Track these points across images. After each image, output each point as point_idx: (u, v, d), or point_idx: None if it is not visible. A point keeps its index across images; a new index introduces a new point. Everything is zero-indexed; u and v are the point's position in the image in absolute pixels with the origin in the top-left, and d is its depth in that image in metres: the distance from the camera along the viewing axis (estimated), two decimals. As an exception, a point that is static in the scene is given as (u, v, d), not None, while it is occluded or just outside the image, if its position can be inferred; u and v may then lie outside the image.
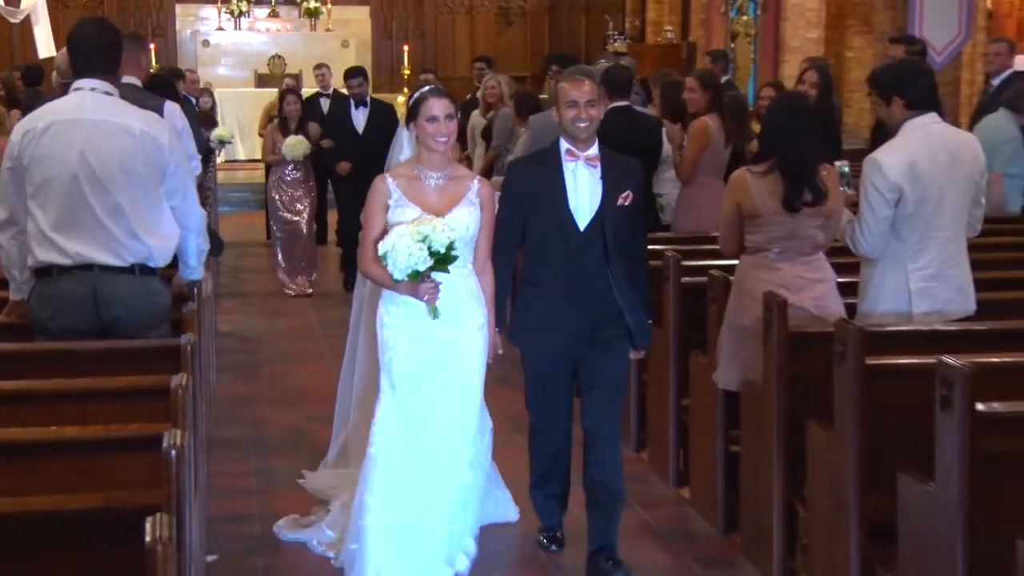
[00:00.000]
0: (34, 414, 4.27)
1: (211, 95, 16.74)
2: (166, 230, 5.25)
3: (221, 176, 16.70)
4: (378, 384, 5.37)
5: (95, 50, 5.22)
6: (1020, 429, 4.16)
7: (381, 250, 5.02)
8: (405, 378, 5.26)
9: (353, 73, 12.36)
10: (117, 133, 5.07)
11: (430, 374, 5.26)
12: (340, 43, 23.78)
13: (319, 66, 14.73)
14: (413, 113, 5.20)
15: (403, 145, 5.67)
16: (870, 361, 4.80)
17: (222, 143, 15.23)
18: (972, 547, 4.09)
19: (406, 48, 23.60)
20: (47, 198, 5.04)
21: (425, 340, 5.23)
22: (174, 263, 5.54)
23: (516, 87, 12.02)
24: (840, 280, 5.92)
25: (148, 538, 2.85)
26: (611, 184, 5.35)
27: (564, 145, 5.37)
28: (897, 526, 4.51)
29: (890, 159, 5.52)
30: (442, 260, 4.96)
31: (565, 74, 5.60)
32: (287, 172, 12.17)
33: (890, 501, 4.54)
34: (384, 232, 5.10)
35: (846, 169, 6.12)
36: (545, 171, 5.39)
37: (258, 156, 18.15)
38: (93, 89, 5.14)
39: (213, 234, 8.39)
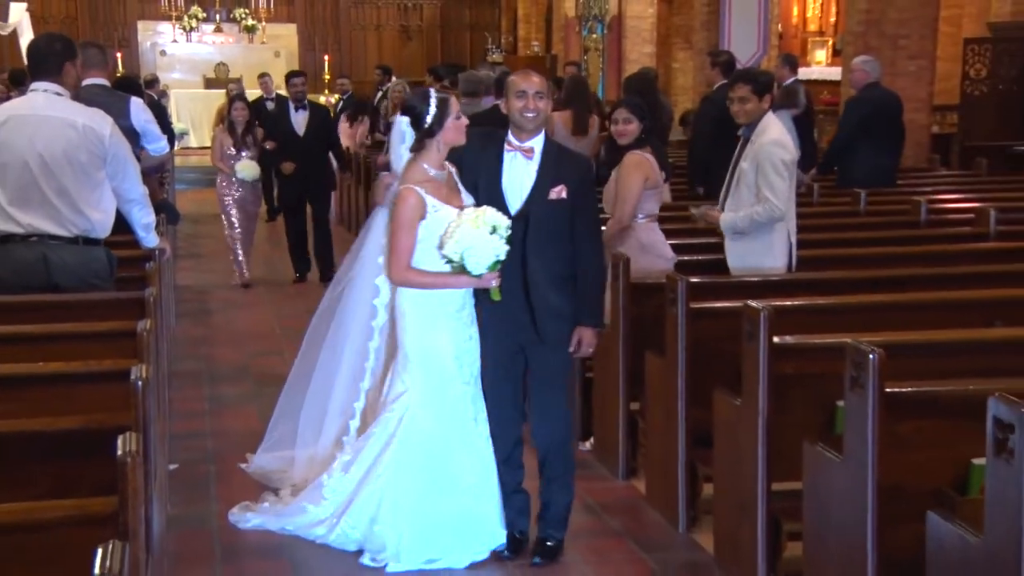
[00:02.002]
0: (26, 352, 4.19)
1: (166, 95, 16.24)
2: (106, 206, 5.12)
3: (178, 160, 16.36)
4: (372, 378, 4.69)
5: (43, 58, 5.07)
6: (807, 356, 4.23)
7: (455, 253, 4.22)
8: (448, 371, 4.46)
9: (295, 73, 11.01)
10: (62, 126, 4.94)
11: (463, 364, 4.49)
12: (273, 53, 23.60)
13: (263, 75, 14.13)
14: (442, 116, 4.37)
15: (400, 156, 4.58)
16: (694, 305, 4.86)
17: (182, 135, 15.01)
18: (770, 447, 4.17)
19: (327, 58, 23.54)
20: (4, 179, 4.93)
21: (460, 333, 4.47)
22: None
23: (414, 88, 11.83)
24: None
25: (120, 452, 2.79)
26: (544, 177, 4.41)
27: (509, 135, 4.47)
28: (713, 433, 4.59)
29: (787, 139, 5.59)
30: (508, 242, 4.28)
31: (515, 72, 4.72)
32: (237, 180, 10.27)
33: (708, 414, 4.61)
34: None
35: None
36: (488, 151, 4.50)
37: (208, 144, 17.78)
38: (45, 91, 5.01)
39: (170, 207, 8.23)
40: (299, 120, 10.35)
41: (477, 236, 4.20)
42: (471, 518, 4.52)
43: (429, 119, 4.38)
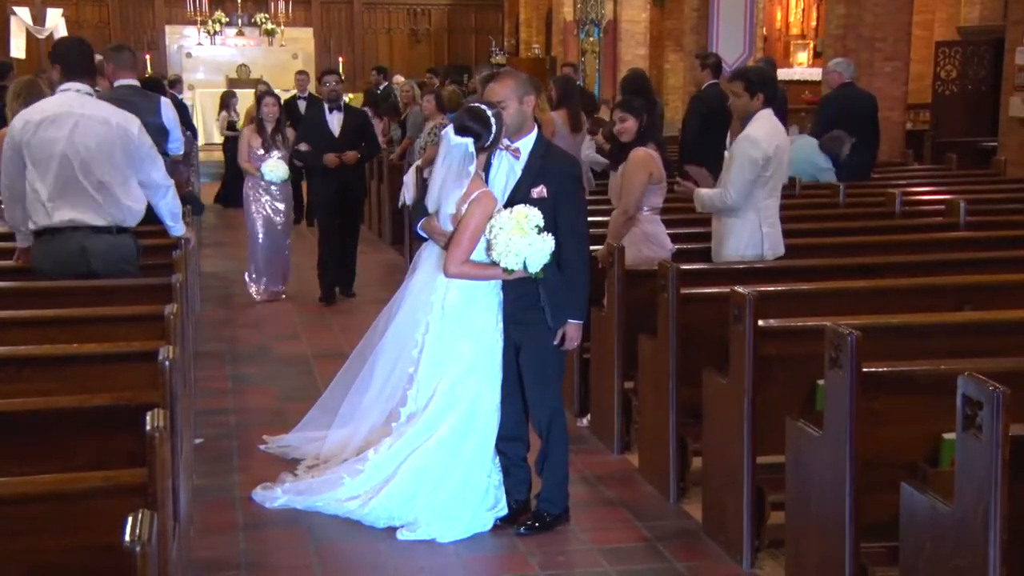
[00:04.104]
0: (62, 333, 4.20)
1: (235, 96, 15.26)
2: (136, 197, 5.13)
3: (202, 155, 16.29)
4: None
5: (78, 61, 5.11)
6: (789, 338, 4.22)
7: (516, 264, 4.23)
8: (498, 353, 4.49)
9: (329, 71, 9.40)
10: (97, 123, 4.95)
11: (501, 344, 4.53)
12: (291, 55, 23.59)
13: (300, 72, 13.19)
14: (502, 129, 4.33)
15: (466, 175, 4.36)
16: (684, 291, 4.84)
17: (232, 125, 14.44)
18: (755, 423, 4.16)
19: (341, 59, 23.45)
20: (44, 175, 4.91)
21: (500, 319, 4.51)
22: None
23: (427, 88, 11.67)
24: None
25: (148, 427, 2.79)
26: (527, 176, 4.40)
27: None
28: (702, 410, 4.58)
29: (763, 136, 5.52)
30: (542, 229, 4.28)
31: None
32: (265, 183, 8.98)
33: (698, 391, 4.60)
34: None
35: None
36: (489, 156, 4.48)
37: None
38: (78, 90, 5.02)
39: (195, 199, 8.24)
40: (334, 121, 8.86)
41: (529, 241, 4.20)
42: (489, 490, 4.55)
43: (492, 137, 4.33)
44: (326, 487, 4.75)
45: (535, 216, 4.24)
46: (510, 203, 4.37)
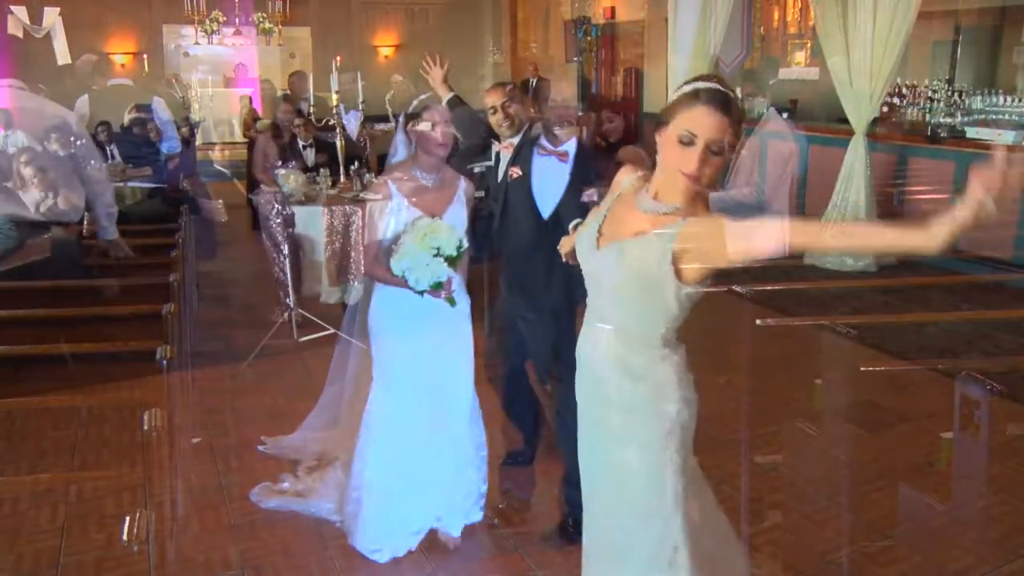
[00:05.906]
0: (60, 333, 4.19)
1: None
2: (76, 192, 5.16)
3: (201, 155, 16.30)
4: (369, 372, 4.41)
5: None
6: (790, 339, 4.23)
7: (397, 271, 4.03)
8: (402, 365, 4.25)
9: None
10: (35, 116, 5.05)
11: (426, 360, 4.25)
12: (288, 55, 23.62)
13: (294, 73, 12.57)
14: (414, 119, 4.18)
15: (398, 148, 4.49)
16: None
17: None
18: (754, 422, 4.17)
19: (339, 58, 23.41)
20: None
21: (423, 332, 4.24)
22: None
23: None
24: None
25: (146, 426, 2.80)
26: (576, 180, 4.23)
27: (542, 139, 4.32)
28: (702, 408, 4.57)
29: (788, 133, 5.60)
30: (454, 260, 4.05)
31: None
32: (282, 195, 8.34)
33: (697, 391, 4.58)
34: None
35: None
36: (522, 155, 4.35)
37: (228, 140, 17.68)
38: (10, 85, 5.15)
39: (191, 198, 8.20)
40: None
41: (419, 256, 4.01)
42: (472, 485, 4.49)
43: (402, 119, 4.23)
44: (324, 495, 4.75)
45: (443, 239, 4.03)
46: (562, 206, 4.22)
